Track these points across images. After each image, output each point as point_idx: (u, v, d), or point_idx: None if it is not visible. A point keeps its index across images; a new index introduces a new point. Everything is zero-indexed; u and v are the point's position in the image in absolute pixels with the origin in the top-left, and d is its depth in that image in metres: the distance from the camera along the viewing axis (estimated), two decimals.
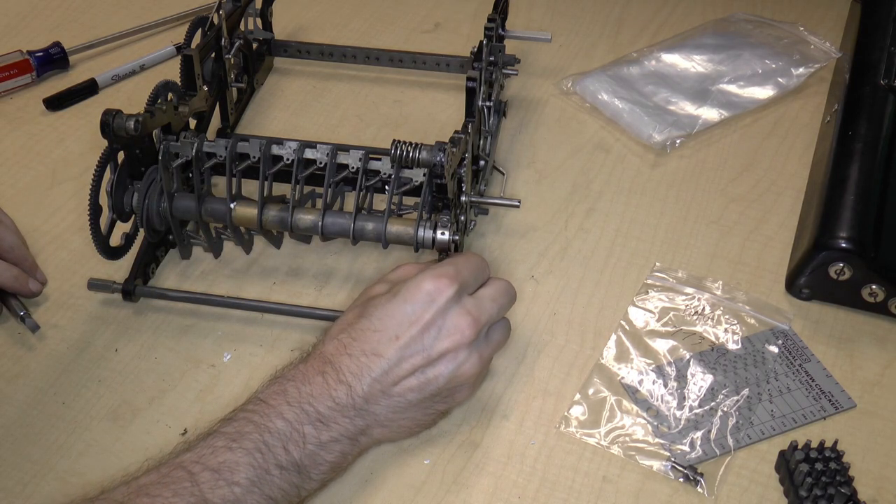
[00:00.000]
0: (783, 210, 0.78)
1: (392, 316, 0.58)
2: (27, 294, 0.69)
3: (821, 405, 0.64)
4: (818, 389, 0.65)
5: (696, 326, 0.69)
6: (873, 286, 0.67)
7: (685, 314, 0.70)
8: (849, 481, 0.57)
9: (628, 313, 0.70)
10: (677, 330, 0.69)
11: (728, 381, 0.65)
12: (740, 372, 0.66)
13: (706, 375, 0.65)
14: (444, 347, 0.57)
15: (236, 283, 0.73)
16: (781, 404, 0.64)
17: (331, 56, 0.91)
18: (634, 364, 0.67)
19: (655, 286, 0.72)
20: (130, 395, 0.65)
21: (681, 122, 0.85)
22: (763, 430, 0.62)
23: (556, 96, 0.90)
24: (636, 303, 0.71)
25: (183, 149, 0.68)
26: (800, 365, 0.66)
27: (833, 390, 0.64)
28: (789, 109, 0.88)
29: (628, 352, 0.68)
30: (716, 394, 0.64)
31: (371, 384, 0.56)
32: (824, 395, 0.64)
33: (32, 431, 0.63)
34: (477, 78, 0.71)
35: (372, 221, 0.67)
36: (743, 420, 0.63)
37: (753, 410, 0.63)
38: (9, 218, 0.70)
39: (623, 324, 0.69)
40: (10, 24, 0.98)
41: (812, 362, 0.66)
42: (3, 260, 0.68)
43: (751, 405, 0.64)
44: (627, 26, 0.98)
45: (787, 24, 0.95)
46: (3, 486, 0.60)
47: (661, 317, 0.70)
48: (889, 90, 0.79)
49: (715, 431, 0.62)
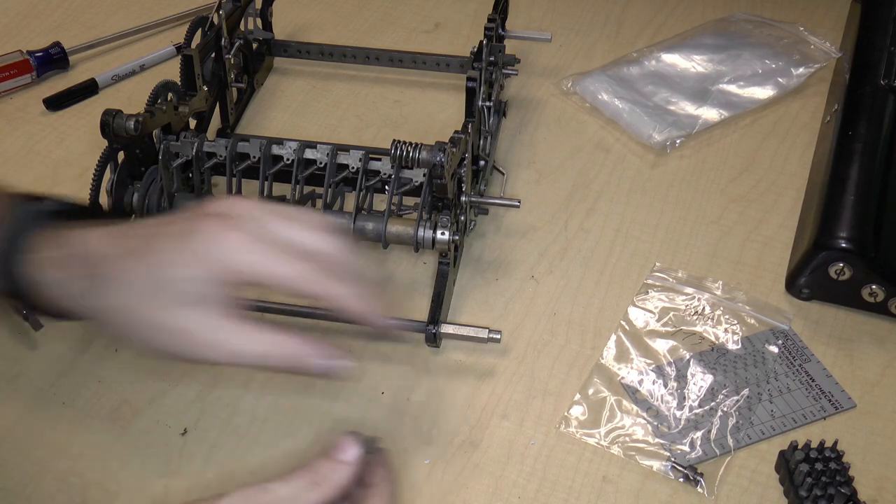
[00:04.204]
0: (783, 210, 0.78)
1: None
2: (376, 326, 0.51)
3: (821, 405, 0.64)
4: (818, 389, 0.65)
5: (696, 326, 0.69)
6: (873, 286, 0.67)
7: (685, 314, 0.70)
8: (849, 481, 0.57)
9: (628, 313, 0.70)
10: (677, 330, 0.69)
11: (728, 381, 0.65)
12: (740, 372, 0.66)
13: (706, 375, 0.65)
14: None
15: None
16: (781, 404, 0.64)
17: (331, 56, 0.91)
18: (634, 364, 0.67)
19: (655, 286, 0.72)
20: (130, 395, 0.65)
21: (681, 122, 0.85)
22: (763, 430, 0.62)
23: (556, 96, 0.90)
24: (636, 303, 0.71)
25: (183, 149, 0.68)
26: (800, 365, 0.66)
27: (833, 390, 0.64)
28: (789, 109, 0.88)
29: (628, 352, 0.68)
30: (716, 394, 0.64)
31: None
32: (824, 396, 0.64)
33: (32, 431, 0.63)
34: (477, 78, 0.71)
35: (372, 221, 0.67)
36: (743, 420, 0.63)
37: (753, 410, 0.63)
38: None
39: (623, 324, 0.69)
40: (10, 24, 0.98)
41: (812, 362, 0.66)
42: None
43: (751, 405, 0.64)
44: (627, 26, 0.98)
45: (787, 24, 0.95)
46: (3, 486, 0.60)
47: (661, 317, 0.70)
48: (889, 90, 0.79)
49: (715, 431, 0.62)
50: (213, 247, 0.47)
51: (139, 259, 0.47)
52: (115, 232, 0.50)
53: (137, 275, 0.47)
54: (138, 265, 0.47)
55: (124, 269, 0.48)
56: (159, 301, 0.47)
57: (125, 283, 0.47)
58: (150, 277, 0.47)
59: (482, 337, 0.65)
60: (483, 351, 0.67)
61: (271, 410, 0.64)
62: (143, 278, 0.47)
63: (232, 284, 0.47)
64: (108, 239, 0.50)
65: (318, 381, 0.66)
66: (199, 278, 0.46)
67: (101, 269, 0.48)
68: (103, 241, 0.49)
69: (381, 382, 0.66)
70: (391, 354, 0.68)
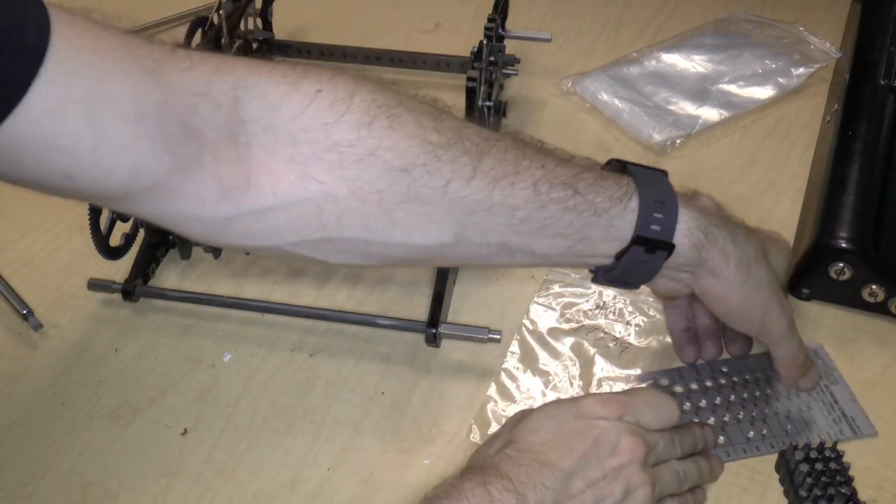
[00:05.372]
0: (783, 210, 0.78)
1: (561, 429, 0.51)
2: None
3: (840, 428, 0.62)
4: (840, 412, 0.62)
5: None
6: (873, 286, 0.67)
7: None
8: (849, 481, 0.57)
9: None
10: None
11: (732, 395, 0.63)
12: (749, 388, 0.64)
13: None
14: (617, 463, 0.51)
15: (236, 283, 0.73)
16: (796, 421, 0.62)
17: (331, 56, 0.91)
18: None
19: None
20: (130, 395, 0.65)
21: (681, 122, 0.85)
22: (759, 446, 0.61)
23: (556, 96, 0.90)
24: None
25: None
26: (825, 385, 0.64)
27: (856, 415, 0.62)
28: (789, 109, 0.88)
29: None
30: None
31: (544, 493, 0.49)
32: (845, 419, 0.62)
33: (32, 431, 0.63)
34: (477, 78, 0.71)
35: None
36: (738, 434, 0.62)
37: (753, 424, 0.62)
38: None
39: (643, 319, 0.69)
40: None
41: (840, 385, 0.64)
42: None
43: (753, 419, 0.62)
44: (627, 26, 0.98)
45: (787, 24, 0.95)
46: (3, 486, 0.60)
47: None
48: (889, 90, 0.79)
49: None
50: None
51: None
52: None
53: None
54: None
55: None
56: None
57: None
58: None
59: (482, 337, 0.65)
60: (483, 351, 0.67)
61: (271, 410, 0.64)
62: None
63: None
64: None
65: (318, 381, 0.66)
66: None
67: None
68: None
69: (381, 382, 0.66)
70: (391, 354, 0.68)
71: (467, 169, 0.49)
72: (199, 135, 0.46)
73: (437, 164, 0.48)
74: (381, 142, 0.47)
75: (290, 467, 0.61)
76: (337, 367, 0.67)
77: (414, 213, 0.49)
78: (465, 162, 0.49)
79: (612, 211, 0.53)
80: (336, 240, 0.49)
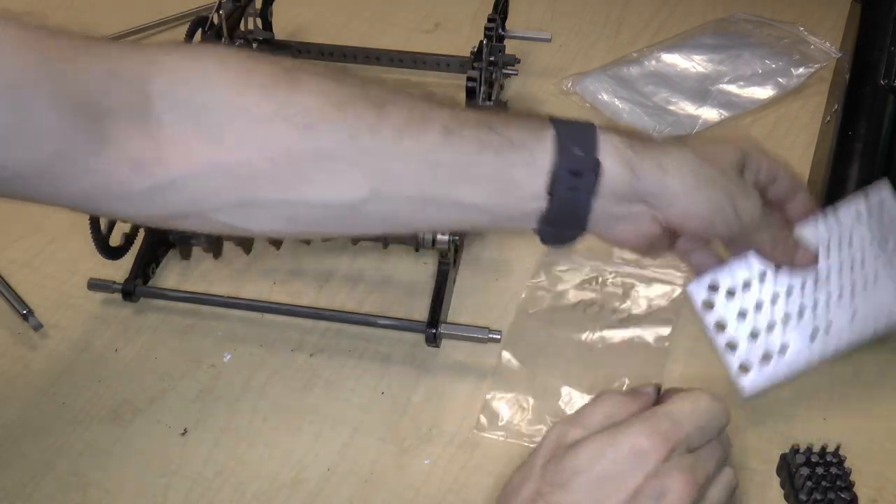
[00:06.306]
0: None
1: (596, 476, 0.46)
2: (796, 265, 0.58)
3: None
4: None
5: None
6: None
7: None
8: (850, 486, 0.57)
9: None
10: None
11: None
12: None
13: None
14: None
15: (236, 283, 0.73)
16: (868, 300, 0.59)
17: (331, 56, 0.91)
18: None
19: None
20: (130, 395, 0.65)
21: (681, 122, 0.85)
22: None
23: (556, 96, 0.90)
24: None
25: None
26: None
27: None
28: (789, 109, 0.88)
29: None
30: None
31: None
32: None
33: (32, 431, 0.63)
34: (477, 78, 0.71)
35: None
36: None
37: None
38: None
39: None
40: None
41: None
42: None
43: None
44: (627, 26, 0.98)
45: (787, 24, 0.95)
46: (3, 486, 0.60)
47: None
48: (889, 90, 0.79)
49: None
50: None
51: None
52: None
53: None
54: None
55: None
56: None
57: None
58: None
59: (482, 337, 0.65)
60: (483, 351, 0.67)
61: (271, 410, 0.64)
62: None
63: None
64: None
65: (318, 381, 0.66)
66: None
67: None
68: None
69: (381, 382, 0.66)
70: (391, 354, 0.68)
71: (371, 118, 0.49)
72: (110, 114, 0.48)
73: (339, 116, 0.49)
74: (285, 100, 0.49)
75: (290, 467, 0.61)
76: (337, 367, 0.67)
77: (324, 169, 0.49)
78: (370, 112, 0.49)
79: (530, 143, 0.50)
80: (253, 202, 0.50)
